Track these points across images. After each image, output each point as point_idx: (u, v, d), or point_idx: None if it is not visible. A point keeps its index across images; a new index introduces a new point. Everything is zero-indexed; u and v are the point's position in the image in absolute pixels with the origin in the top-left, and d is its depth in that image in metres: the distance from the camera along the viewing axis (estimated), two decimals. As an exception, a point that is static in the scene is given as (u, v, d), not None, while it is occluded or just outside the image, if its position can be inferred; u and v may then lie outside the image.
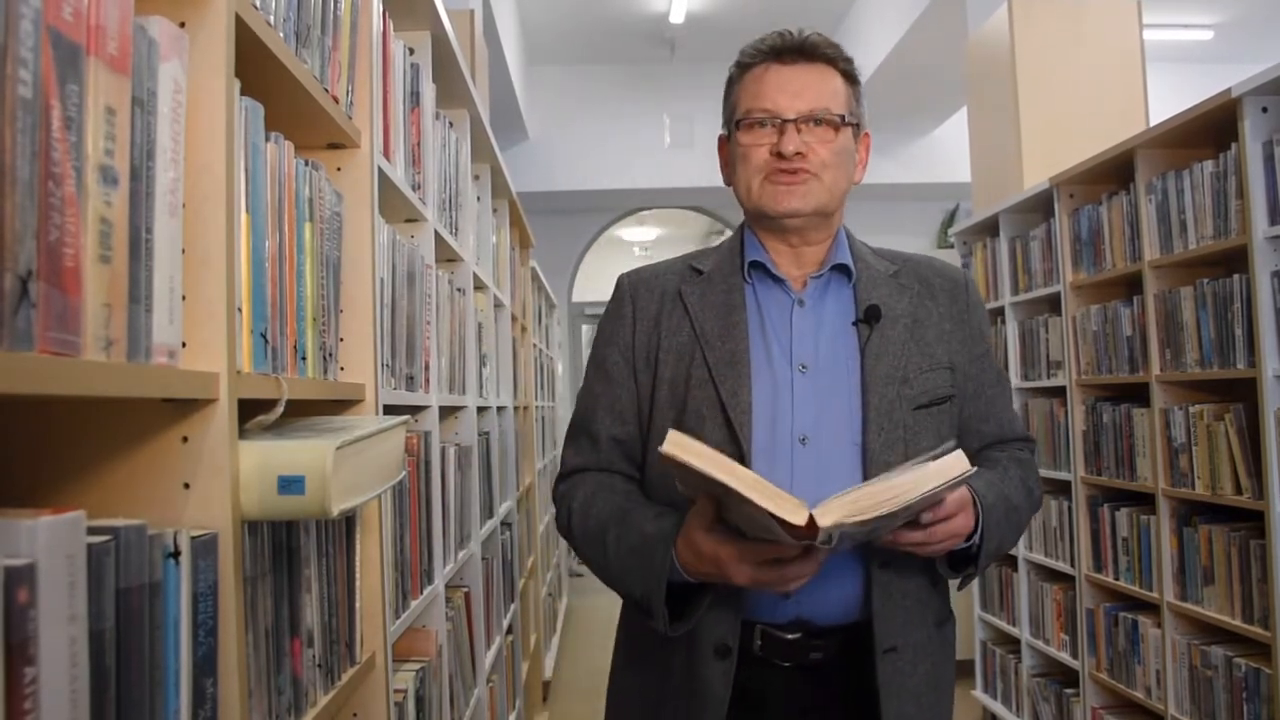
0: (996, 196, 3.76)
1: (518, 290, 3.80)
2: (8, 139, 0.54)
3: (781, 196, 1.24)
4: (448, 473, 1.99)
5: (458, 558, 2.08)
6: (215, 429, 0.83)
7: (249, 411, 0.91)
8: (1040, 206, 3.39)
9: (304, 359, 1.09)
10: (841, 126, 1.24)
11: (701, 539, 1.10)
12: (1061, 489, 3.23)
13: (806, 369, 1.24)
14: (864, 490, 1.00)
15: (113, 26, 0.66)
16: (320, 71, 1.20)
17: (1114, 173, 2.94)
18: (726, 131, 1.31)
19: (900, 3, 5.59)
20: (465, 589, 2.19)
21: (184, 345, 0.81)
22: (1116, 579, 2.91)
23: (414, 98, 1.76)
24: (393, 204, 1.62)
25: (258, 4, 0.98)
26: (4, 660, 0.51)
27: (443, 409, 2.00)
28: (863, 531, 1.03)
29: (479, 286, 2.55)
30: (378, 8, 1.48)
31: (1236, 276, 2.29)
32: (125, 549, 0.65)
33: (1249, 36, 6.67)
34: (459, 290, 2.24)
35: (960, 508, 1.12)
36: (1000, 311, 3.62)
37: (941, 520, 1.10)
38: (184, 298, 0.80)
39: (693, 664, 1.23)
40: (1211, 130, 2.44)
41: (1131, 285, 2.87)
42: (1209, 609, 2.46)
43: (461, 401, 2.24)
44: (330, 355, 1.21)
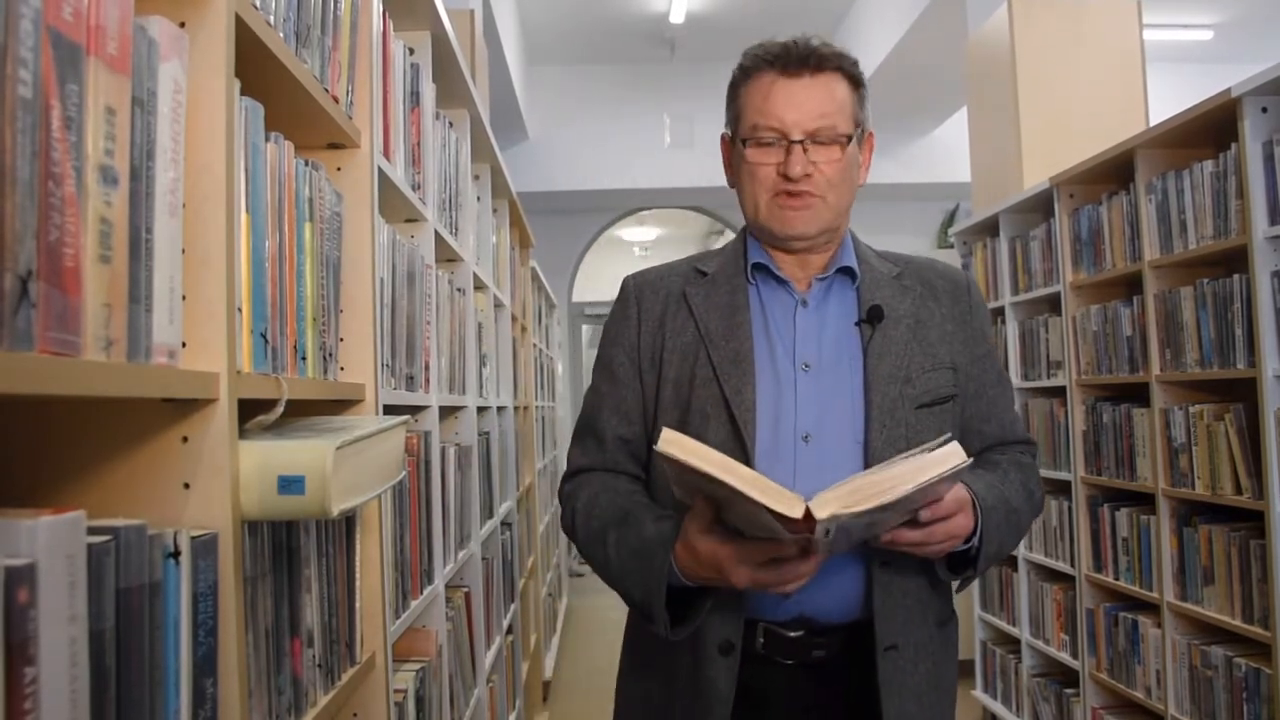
0: (996, 196, 3.76)
1: (518, 290, 3.80)
2: (8, 139, 0.54)
3: (788, 220, 1.24)
4: (448, 473, 1.99)
5: (458, 558, 2.08)
6: (215, 429, 0.83)
7: (249, 411, 0.91)
8: (1040, 206, 3.39)
9: (304, 359, 1.09)
10: (848, 143, 1.24)
11: (699, 540, 1.10)
12: (1061, 489, 3.23)
13: (809, 368, 1.25)
14: (860, 481, 1.00)
15: (113, 26, 0.66)
16: (320, 71, 1.20)
17: (1114, 173, 2.94)
18: (730, 131, 1.31)
19: (900, 3, 5.59)
20: (465, 589, 2.19)
21: (184, 345, 0.81)
22: (1116, 579, 2.91)
23: (414, 98, 1.76)
24: (393, 204, 1.62)
25: (258, 4, 0.98)
26: (4, 660, 0.51)
27: (443, 409, 2.00)
28: (860, 525, 1.02)
29: (479, 286, 2.55)
30: (378, 8, 1.48)
31: (1236, 276, 2.29)
32: (125, 549, 0.65)
33: (1249, 36, 6.67)
34: (459, 290, 2.24)
35: (959, 508, 1.12)
36: (1000, 311, 3.62)
37: (940, 520, 1.10)
38: (184, 298, 0.80)
39: (697, 663, 1.23)
40: (1211, 130, 2.44)
41: (1131, 285, 2.87)
42: (1209, 609, 2.46)
43: (461, 401, 2.24)
44: (330, 355, 1.21)
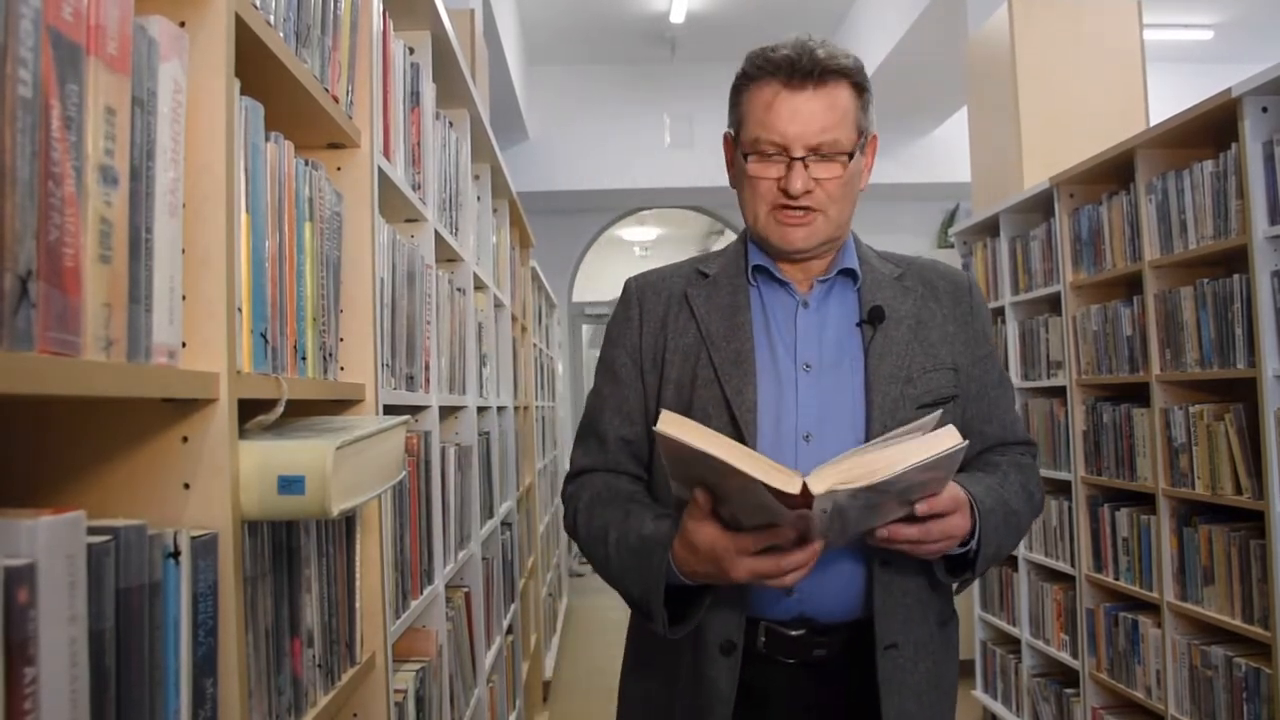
0: (996, 196, 3.76)
1: (518, 290, 3.80)
2: (8, 139, 0.54)
3: (788, 234, 1.24)
4: (448, 473, 1.99)
5: (458, 558, 2.08)
6: (215, 429, 0.83)
7: (249, 411, 0.91)
8: (1040, 206, 3.39)
9: (304, 359, 1.09)
10: (850, 159, 1.22)
11: (698, 533, 1.10)
12: (1061, 489, 3.23)
13: (810, 368, 1.25)
14: (857, 459, 1.00)
15: (113, 26, 0.66)
16: (320, 71, 1.20)
17: (1114, 173, 2.94)
18: (732, 133, 1.30)
19: (900, 3, 5.59)
20: (465, 589, 2.19)
21: (184, 345, 0.81)
22: (1116, 579, 2.91)
23: (414, 97, 1.76)
24: (393, 204, 1.62)
25: (258, 4, 0.98)
26: (4, 660, 0.51)
27: (443, 409, 2.00)
28: (856, 508, 1.02)
29: (479, 286, 2.55)
30: (378, 7, 1.48)
31: (1236, 276, 2.29)
32: (125, 549, 0.65)
33: (1249, 36, 6.67)
34: (459, 290, 2.24)
35: (955, 507, 1.12)
36: (1000, 311, 3.62)
37: (936, 516, 1.10)
38: (184, 298, 0.80)
39: (698, 663, 1.24)
40: (1211, 130, 2.44)
41: (1131, 285, 2.87)
42: (1209, 609, 2.46)
43: (461, 401, 2.24)
44: (330, 355, 1.21)
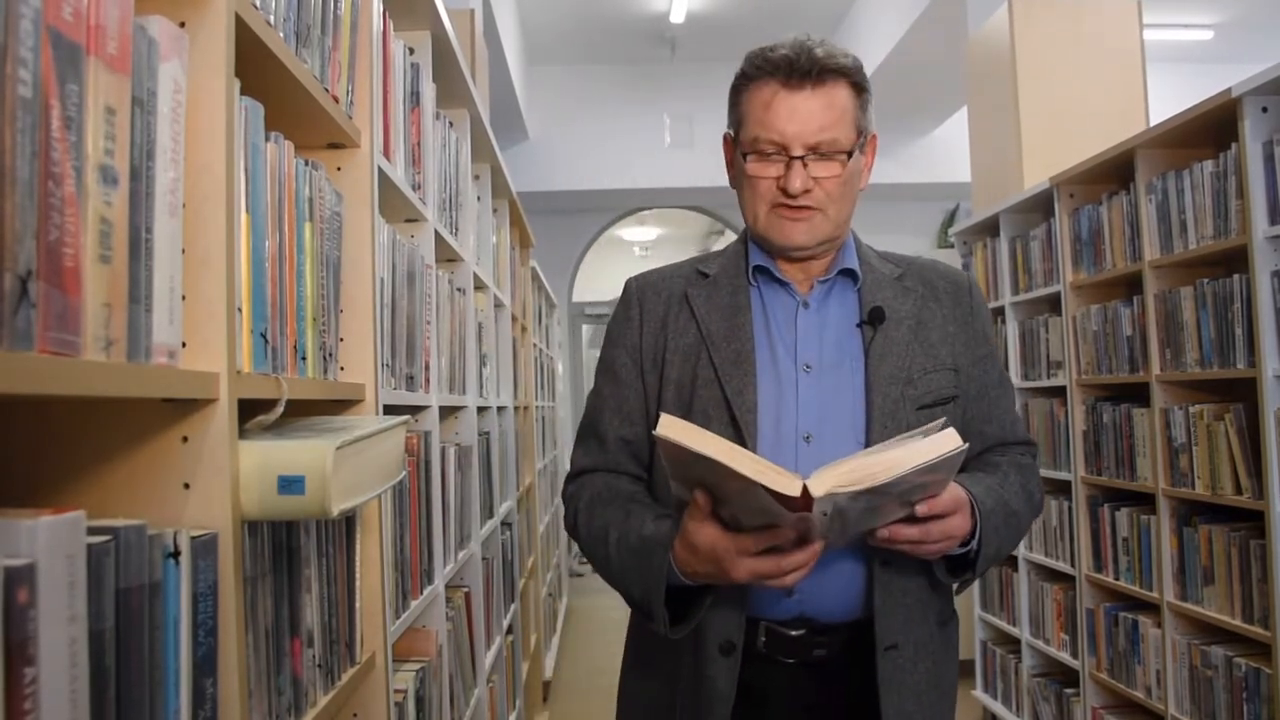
0: (997, 196, 3.76)
1: (518, 290, 3.80)
2: (8, 139, 0.54)
3: (788, 232, 1.24)
4: (448, 473, 1.99)
5: (458, 558, 2.08)
6: (215, 429, 0.83)
7: (249, 411, 0.91)
8: (1040, 206, 3.39)
9: (304, 359, 1.09)
10: (849, 158, 1.22)
11: (698, 534, 1.10)
12: (1061, 489, 3.23)
13: (811, 369, 1.25)
14: (857, 461, 1.00)
15: (113, 26, 0.66)
16: (320, 71, 1.20)
17: (1114, 173, 2.94)
18: (732, 133, 1.30)
19: (900, 3, 5.59)
20: (465, 589, 2.19)
21: (184, 345, 0.81)
22: (1116, 579, 2.91)
23: (414, 97, 1.76)
24: (393, 204, 1.62)
25: (258, 4, 0.98)
26: (4, 660, 0.51)
27: (443, 409, 2.00)
28: (857, 509, 1.02)
29: (479, 286, 2.55)
30: (378, 7, 1.48)
31: (1236, 276, 2.29)
32: (125, 549, 0.65)
33: (1249, 36, 6.67)
34: (459, 290, 2.24)
35: (956, 508, 1.12)
36: (1000, 311, 3.62)
37: (936, 517, 1.10)
38: (184, 298, 0.80)
39: (698, 662, 1.24)
40: (1211, 130, 2.44)
41: (1131, 285, 2.87)
42: (1209, 609, 2.46)
43: (461, 401, 2.24)
44: (330, 355, 1.21)
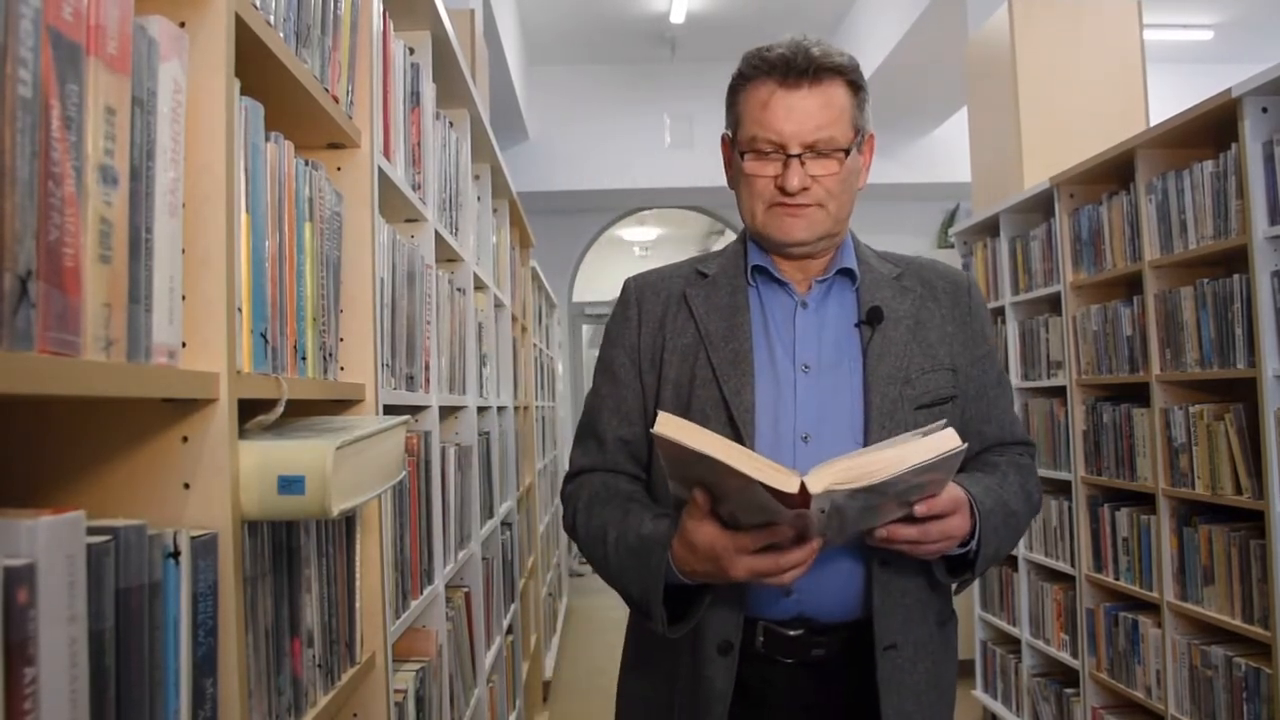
0: (997, 196, 3.76)
1: (518, 290, 3.79)
2: (8, 139, 0.54)
3: (786, 227, 1.24)
4: (448, 473, 1.99)
5: (458, 558, 2.08)
6: (215, 429, 0.83)
7: (249, 411, 0.91)
8: (1040, 206, 3.39)
9: (304, 359, 1.09)
10: (847, 155, 1.23)
11: (697, 532, 1.10)
12: (1061, 489, 3.23)
13: (809, 369, 1.25)
14: (854, 460, 1.00)
15: (112, 26, 0.66)
16: (320, 71, 1.20)
17: (1114, 173, 2.94)
18: (730, 134, 1.31)
19: (900, 3, 5.59)
20: (465, 589, 2.19)
21: (184, 345, 0.81)
22: (1116, 579, 2.91)
23: (414, 98, 1.76)
24: (393, 204, 1.62)
25: (258, 4, 0.98)
26: (4, 660, 0.51)
27: (443, 409, 2.00)
28: (855, 508, 1.03)
29: (479, 286, 2.55)
30: (378, 7, 1.48)
31: (1236, 276, 2.29)
32: (125, 549, 0.65)
33: (1249, 36, 6.67)
34: (459, 290, 2.24)
35: (955, 508, 1.12)
36: (1000, 311, 3.62)
37: (935, 517, 1.10)
38: (184, 298, 0.80)
39: (696, 663, 1.24)
40: (1211, 130, 2.44)
41: (1131, 285, 2.87)
42: (1209, 609, 2.46)
43: (461, 401, 2.24)
44: (330, 355, 1.21)
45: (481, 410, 2.57)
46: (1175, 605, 2.59)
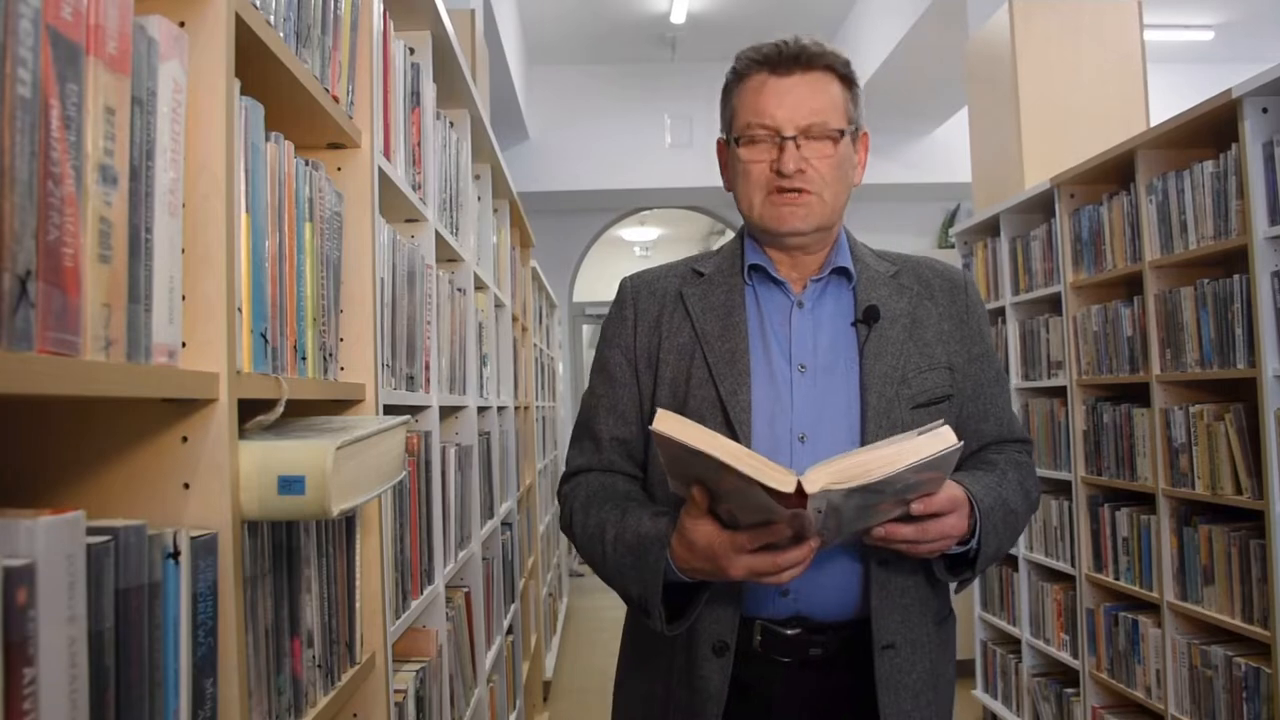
0: (997, 196, 3.76)
1: (518, 290, 3.79)
2: (7, 139, 0.54)
3: (784, 217, 1.25)
4: (448, 473, 1.99)
5: (458, 558, 2.08)
6: (215, 429, 0.83)
7: (249, 411, 0.91)
8: (1041, 206, 3.39)
9: (304, 359, 1.09)
10: (840, 139, 1.24)
11: (695, 531, 1.10)
12: (1062, 489, 3.23)
13: (805, 369, 1.25)
14: (851, 459, 1.00)
15: (112, 26, 0.66)
16: (320, 71, 1.20)
17: (1114, 173, 2.94)
18: (725, 137, 1.31)
19: (901, 3, 5.59)
20: (465, 589, 2.19)
21: (184, 345, 0.81)
22: (1116, 579, 2.91)
23: (414, 98, 1.76)
24: (393, 204, 1.62)
25: (258, 4, 0.98)
26: (3, 660, 0.50)
27: (443, 409, 2.00)
28: (852, 507, 1.03)
29: (479, 286, 2.55)
30: (378, 7, 1.48)
31: (1236, 276, 2.29)
32: (125, 549, 0.65)
33: (1249, 36, 6.67)
34: (459, 290, 2.24)
35: (953, 507, 1.12)
36: (1001, 311, 3.62)
37: (933, 516, 1.10)
38: (184, 297, 0.80)
39: (691, 662, 1.24)
40: (1212, 130, 2.44)
41: (1132, 285, 2.87)
42: (1209, 609, 2.46)
43: (462, 401, 2.24)
44: (330, 355, 1.21)
45: (482, 410, 2.57)
46: (1175, 605, 2.59)
